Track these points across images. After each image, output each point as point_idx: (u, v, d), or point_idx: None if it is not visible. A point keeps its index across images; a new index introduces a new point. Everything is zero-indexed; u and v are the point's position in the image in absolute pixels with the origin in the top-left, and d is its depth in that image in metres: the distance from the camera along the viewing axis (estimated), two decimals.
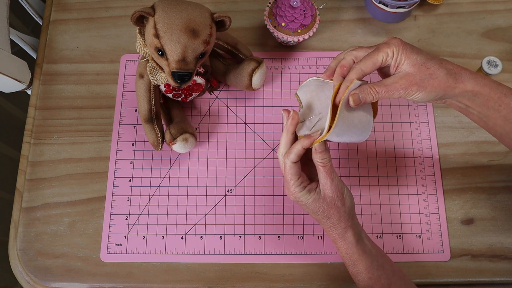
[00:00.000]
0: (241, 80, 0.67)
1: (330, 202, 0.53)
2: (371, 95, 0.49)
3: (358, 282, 0.55)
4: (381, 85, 0.49)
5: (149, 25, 0.56)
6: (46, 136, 0.71)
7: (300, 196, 0.53)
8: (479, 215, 0.66)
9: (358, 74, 0.49)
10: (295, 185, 0.52)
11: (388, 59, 0.49)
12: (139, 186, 0.68)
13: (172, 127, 0.65)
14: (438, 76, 0.49)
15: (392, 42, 0.49)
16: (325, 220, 0.54)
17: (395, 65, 0.50)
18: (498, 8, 0.77)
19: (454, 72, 0.50)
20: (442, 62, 0.50)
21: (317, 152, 0.51)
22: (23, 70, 0.73)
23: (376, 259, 0.55)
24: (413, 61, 0.49)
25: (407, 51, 0.49)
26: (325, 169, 0.51)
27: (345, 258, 0.55)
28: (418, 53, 0.50)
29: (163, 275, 0.64)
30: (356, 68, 0.49)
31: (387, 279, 0.54)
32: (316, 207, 0.53)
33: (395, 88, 0.49)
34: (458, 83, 0.50)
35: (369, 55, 0.50)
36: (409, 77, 0.49)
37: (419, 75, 0.49)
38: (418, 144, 0.69)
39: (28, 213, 0.67)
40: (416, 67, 0.49)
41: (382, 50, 0.49)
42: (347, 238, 0.54)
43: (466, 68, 0.51)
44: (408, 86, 0.49)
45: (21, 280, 0.65)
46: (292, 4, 0.67)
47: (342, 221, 0.53)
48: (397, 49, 0.49)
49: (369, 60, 0.49)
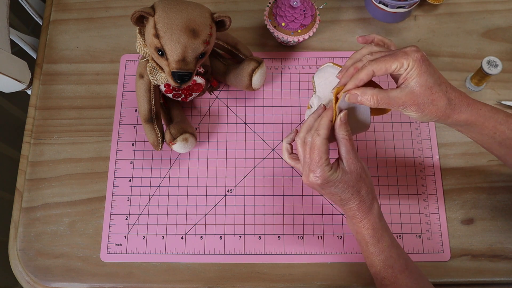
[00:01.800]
0: (241, 80, 0.67)
1: (357, 175, 0.53)
2: (369, 102, 0.50)
3: (377, 263, 0.55)
4: (385, 96, 0.50)
5: (149, 25, 0.56)
6: (46, 136, 0.71)
7: (330, 175, 0.51)
8: (479, 215, 0.66)
9: (368, 75, 0.50)
10: (324, 164, 0.51)
11: (401, 69, 0.49)
12: (139, 186, 0.68)
13: (172, 127, 0.65)
14: (438, 104, 0.50)
15: (411, 55, 0.49)
16: (354, 196, 0.53)
17: (405, 77, 0.50)
18: (498, 8, 0.77)
19: (454, 103, 0.51)
20: (447, 91, 0.50)
21: (342, 124, 0.52)
22: (23, 70, 0.73)
23: (393, 236, 0.56)
24: (423, 81, 0.49)
25: (421, 70, 0.49)
26: (350, 143, 0.52)
27: (368, 236, 0.55)
28: (431, 74, 0.49)
29: (163, 275, 0.64)
30: (368, 68, 0.49)
31: (405, 259, 0.55)
32: (345, 183, 0.52)
33: (397, 103, 0.50)
34: (454, 114, 0.51)
35: (384, 59, 0.49)
36: (412, 96, 0.49)
37: (422, 97, 0.49)
38: (418, 144, 0.69)
39: (28, 213, 0.67)
40: (423, 89, 0.49)
41: (399, 59, 0.49)
42: (374, 210, 0.55)
43: (466, 97, 0.52)
44: (409, 104, 0.50)
45: (21, 280, 0.65)
46: (292, 4, 0.67)
47: (370, 192, 0.54)
48: (413, 63, 0.49)
49: (383, 64, 0.49)
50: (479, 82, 0.70)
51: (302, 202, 0.67)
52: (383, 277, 0.55)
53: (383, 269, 0.55)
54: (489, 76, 0.67)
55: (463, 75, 0.73)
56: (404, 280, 0.54)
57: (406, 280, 0.54)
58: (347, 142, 0.52)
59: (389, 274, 0.54)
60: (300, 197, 0.67)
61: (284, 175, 0.68)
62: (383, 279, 0.55)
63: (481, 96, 0.72)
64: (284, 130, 0.71)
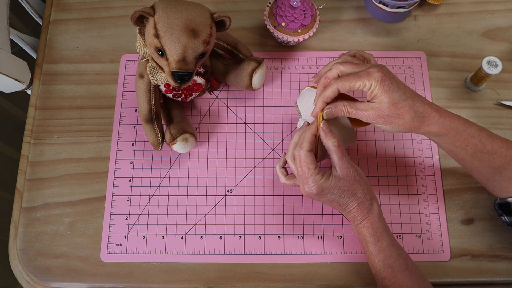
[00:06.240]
0: (241, 80, 0.67)
1: (351, 178, 0.55)
2: (343, 112, 0.54)
3: (377, 262, 0.56)
4: (354, 107, 0.53)
5: (149, 25, 0.56)
6: (46, 136, 0.71)
7: (323, 182, 0.54)
8: (479, 215, 0.66)
9: (333, 93, 0.53)
10: (315, 173, 0.54)
11: (364, 89, 0.52)
12: (139, 186, 0.68)
13: (172, 127, 0.65)
14: (404, 117, 0.52)
15: (373, 75, 0.51)
16: (352, 199, 0.55)
17: (370, 95, 0.52)
18: (498, 8, 0.77)
19: (422, 116, 0.52)
20: (414, 105, 0.52)
21: (327, 133, 0.54)
22: (23, 70, 0.73)
23: (393, 237, 0.57)
24: (387, 98, 0.52)
25: (383, 88, 0.51)
26: (340, 149, 0.54)
27: (368, 236, 0.56)
28: (394, 91, 0.52)
29: (163, 275, 0.64)
30: (333, 86, 0.53)
31: (405, 260, 0.56)
32: (340, 189, 0.54)
33: (364, 115, 0.53)
34: (423, 126, 0.53)
35: (348, 78, 0.52)
36: (378, 110, 0.52)
37: (388, 111, 0.52)
38: (418, 144, 0.69)
39: (28, 213, 0.67)
40: (388, 105, 0.52)
41: (361, 79, 0.52)
42: (374, 210, 0.56)
43: (438, 109, 0.53)
44: (375, 117, 0.53)
45: (21, 280, 0.65)
46: (292, 4, 0.67)
47: (367, 193, 0.56)
48: (375, 84, 0.51)
49: (347, 83, 0.52)
50: (479, 82, 0.70)
51: (302, 202, 0.67)
52: (384, 277, 0.55)
53: (383, 269, 0.55)
54: (489, 76, 0.67)
55: (463, 75, 0.73)
56: (404, 280, 0.54)
57: (406, 280, 0.54)
58: (337, 150, 0.54)
59: (389, 274, 0.55)
60: (300, 197, 0.67)
61: None
62: (383, 279, 0.55)
63: (481, 96, 0.72)
64: (284, 130, 0.71)
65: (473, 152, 0.54)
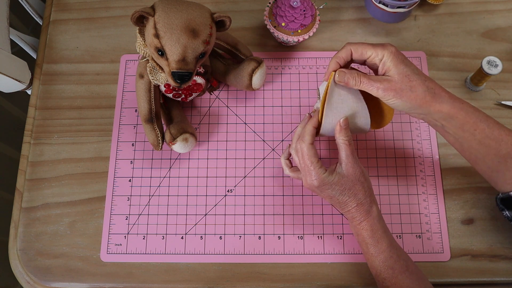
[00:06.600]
0: (241, 80, 0.67)
1: (354, 178, 0.55)
2: (354, 81, 0.54)
3: (377, 264, 0.56)
4: (366, 77, 0.54)
5: (149, 25, 0.56)
6: (46, 136, 0.71)
7: (325, 177, 0.54)
8: (479, 215, 0.66)
9: (346, 53, 0.55)
10: (317, 167, 0.55)
11: (375, 59, 0.53)
12: (139, 186, 0.68)
13: (172, 127, 0.65)
14: (417, 90, 0.52)
15: (387, 48, 0.53)
16: (351, 199, 0.55)
17: (383, 68, 0.53)
18: (498, 8, 0.77)
19: (434, 92, 0.53)
20: (426, 80, 0.53)
21: (342, 129, 0.55)
22: (23, 70, 0.73)
23: (393, 238, 0.57)
24: (400, 70, 0.52)
25: (396, 61, 0.52)
26: (349, 147, 0.55)
27: (367, 237, 0.56)
28: (407, 65, 0.53)
29: (163, 275, 0.64)
30: (346, 47, 0.55)
31: (405, 261, 0.56)
32: (342, 186, 0.55)
33: (376, 86, 0.53)
34: (435, 103, 0.53)
35: (363, 44, 0.54)
36: (391, 82, 0.53)
37: (400, 84, 0.52)
38: (418, 144, 0.69)
39: (28, 213, 0.67)
40: (401, 76, 0.52)
41: (375, 48, 0.53)
42: (373, 213, 0.56)
43: (448, 92, 0.54)
44: (387, 89, 0.52)
45: (21, 280, 0.65)
46: (292, 4, 0.67)
47: (368, 196, 0.56)
48: (388, 55, 0.52)
49: (360, 47, 0.54)
50: (479, 82, 0.70)
51: (302, 202, 0.67)
52: (384, 278, 0.55)
53: (384, 270, 0.55)
54: (489, 76, 0.67)
55: (463, 75, 0.73)
56: (405, 281, 0.54)
57: (407, 281, 0.54)
58: (346, 147, 0.55)
59: (390, 275, 0.54)
60: (300, 197, 0.67)
61: (284, 175, 0.68)
62: (384, 280, 0.55)
63: (481, 96, 0.72)
64: (284, 130, 0.71)
65: (481, 138, 0.53)
